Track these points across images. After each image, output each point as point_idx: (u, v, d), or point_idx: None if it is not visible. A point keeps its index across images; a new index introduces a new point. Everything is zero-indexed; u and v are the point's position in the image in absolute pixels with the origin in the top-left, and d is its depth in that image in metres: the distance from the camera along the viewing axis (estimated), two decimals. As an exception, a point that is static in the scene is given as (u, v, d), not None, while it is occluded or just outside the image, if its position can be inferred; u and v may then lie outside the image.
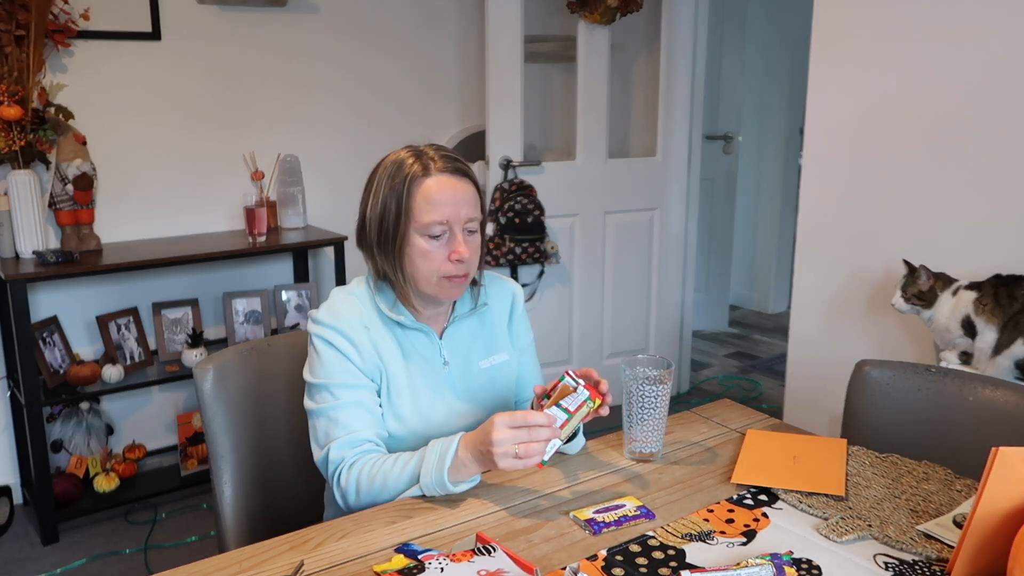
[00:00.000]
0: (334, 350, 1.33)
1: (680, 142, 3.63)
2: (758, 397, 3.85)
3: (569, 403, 1.24)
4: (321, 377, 1.33)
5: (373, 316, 1.37)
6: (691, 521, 1.19)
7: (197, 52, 2.92)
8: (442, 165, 1.34)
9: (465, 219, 1.34)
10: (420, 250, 1.33)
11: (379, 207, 1.35)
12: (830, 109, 2.49)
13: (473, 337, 1.46)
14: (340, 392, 1.32)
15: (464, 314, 1.45)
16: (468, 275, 1.37)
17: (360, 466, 1.28)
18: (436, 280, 1.34)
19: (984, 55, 2.14)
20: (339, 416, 1.32)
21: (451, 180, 1.34)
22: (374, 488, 1.27)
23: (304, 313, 3.12)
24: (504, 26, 3.10)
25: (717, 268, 4.81)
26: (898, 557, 1.10)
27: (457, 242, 1.33)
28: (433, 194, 1.32)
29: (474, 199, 1.36)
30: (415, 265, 1.34)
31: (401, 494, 1.26)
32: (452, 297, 1.38)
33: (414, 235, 1.33)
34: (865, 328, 2.50)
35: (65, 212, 2.65)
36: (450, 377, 1.42)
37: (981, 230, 2.19)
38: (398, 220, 1.33)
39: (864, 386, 1.57)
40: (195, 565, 1.08)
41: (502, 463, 1.17)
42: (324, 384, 1.33)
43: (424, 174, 1.33)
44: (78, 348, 2.83)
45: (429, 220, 1.31)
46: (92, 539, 2.62)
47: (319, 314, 1.36)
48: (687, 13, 3.51)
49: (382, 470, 1.27)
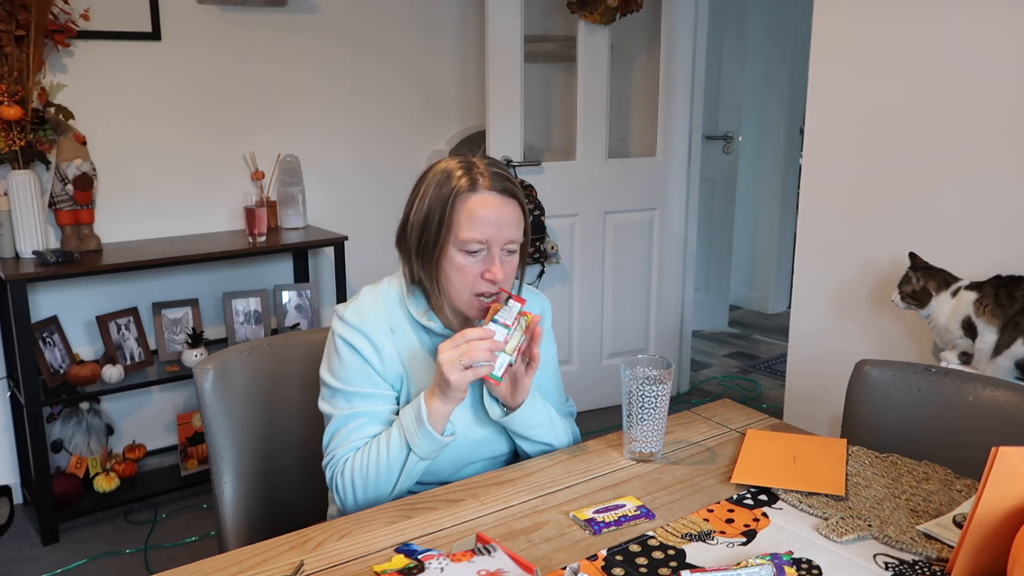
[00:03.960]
0: (356, 355, 1.33)
1: (680, 142, 3.63)
2: (758, 397, 3.85)
3: (503, 316, 1.29)
4: (340, 382, 1.34)
5: (401, 319, 1.37)
6: (691, 521, 1.19)
7: (197, 52, 2.92)
8: (490, 183, 1.32)
9: (505, 240, 1.32)
10: (456, 264, 1.32)
11: (423, 214, 1.33)
12: (830, 109, 2.49)
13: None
14: (356, 401, 1.33)
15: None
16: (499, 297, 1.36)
17: (349, 464, 1.30)
18: (468, 297, 1.33)
19: (984, 55, 2.14)
20: (351, 425, 1.32)
21: (497, 199, 1.31)
22: (369, 479, 1.28)
23: (304, 313, 3.12)
24: (504, 26, 3.10)
25: (717, 268, 4.81)
26: (898, 557, 1.10)
27: (493, 262, 1.31)
28: (476, 211, 1.30)
29: (518, 220, 1.34)
30: (449, 278, 1.33)
31: (401, 473, 1.27)
32: (480, 317, 1.37)
33: (452, 248, 1.31)
34: (865, 328, 2.50)
35: (65, 212, 2.65)
36: (473, 386, 1.41)
37: (981, 230, 2.19)
38: (439, 231, 1.31)
39: (864, 386, 1.57)
40: (195, 565, 1.08)
41: (454, 376, 1.21)
42: (341, 390, 1.33)
43: (471, 189, 1.31)
44: (78, 348, 2.83)
45: (468, 237, 1.30)
46: (92, 539, 2.62)
47: (345, 313, 1.35)
48: (687, 13, 3.51)
49: (369, 457, 1.28)
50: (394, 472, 1.28)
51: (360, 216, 3.35)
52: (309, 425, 1.60)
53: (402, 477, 1.28)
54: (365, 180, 3.36)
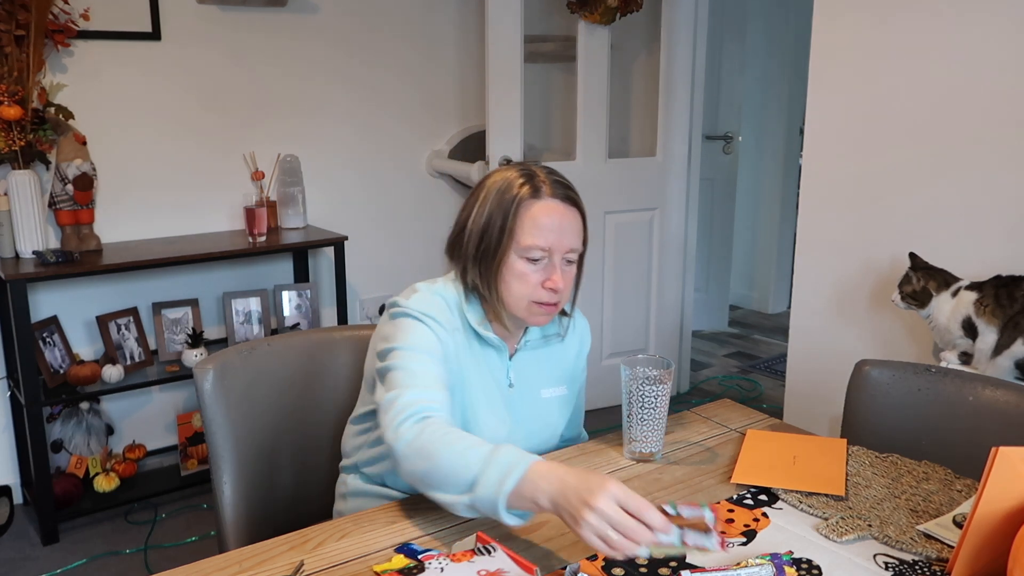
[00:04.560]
0: (427, 328, 1.30)
1: (680, 142, 3.63)
2: (758, 397, 3.85)
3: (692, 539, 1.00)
4: (404, 341, 1.28)
5: (459, 323, 1.36)
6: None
7: (197, 52, 2.92)
8: (552, 190, 1.33)
9: (566, 248, 1.32)
10: (516, 271, 1.31)
11: (483, 220, 1.33)
12: (830, 109, 2.49)
13: (541, 364, 1.46)
14: (421, 355, 1.27)
15: (537, 340, 1.45)
16: (558, 304, 1.35)
17: (431, 423, 1.17)
18: (526, 304, 1.33)
19: (985, 55, 2.14)
20: (417, 370, 1.25)
21: (561, 207, 1.32)
22: (426, 450, 1.13)
23: (304, 313, 3.12)
24: (504, 26, 3.10)
25: (717, 268, 4.81)
26: (898, 557, 1.10)
27: (554, 270, 1.31)
28: (540, 218, 1.31)
29: (579, 230, 1.35)
30: (508, 285, 1.33)
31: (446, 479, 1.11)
32: (539, 324, 1.38)
33: (513, 255, 1.31)
34: (865, 328, 2.50)
35: (65, 212, 2.65)
36: (512, 400, 1.41)
37: (981, 230, 2.19)
38: (501, 237, 1.31)
39: (864, 386, 1.57)
40: (195, 565, 1.08)
41: (585, 532, 0.98)
42: (405, 345, 1.27)
43: (534, 196, 1.32)
44: (78, 348, 2.83)
45: (531, 243, 1.30)
46: (92, 539, 2.62)
47: (412, 303, 1.32)
48: (687, 13, 3.51)
49: (447, 439, 1.14)
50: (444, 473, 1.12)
51: (360, 216, 3.36)
52: (309, 425, 1.60)
53: (443, 502, 1.13)
54: (365, 180, 3.36)
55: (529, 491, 1.04)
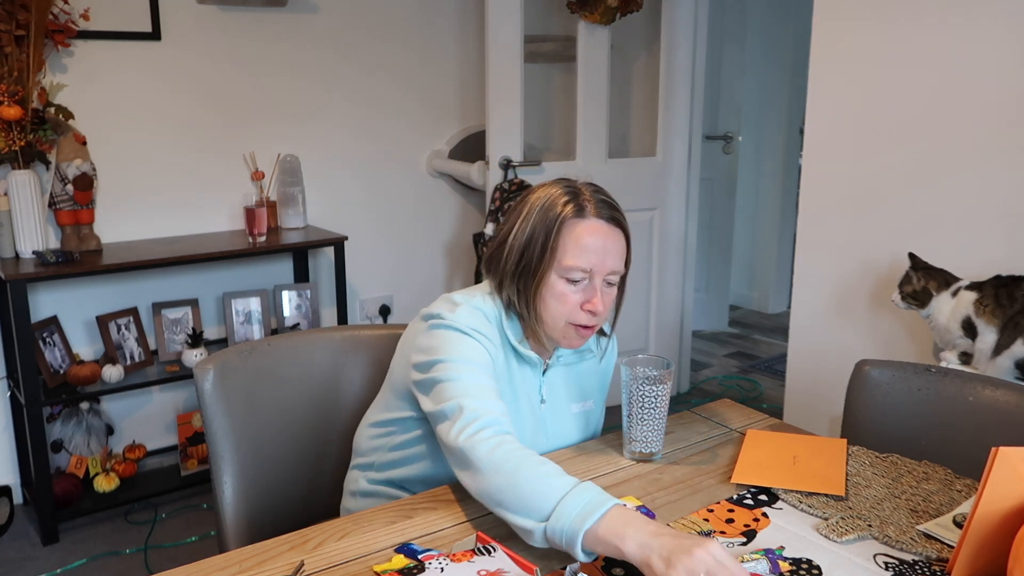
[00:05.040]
0: (476, 343, 1.27)
1: (680, 142, 3.63)
2: (758, 397, 3.85)
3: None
4: (455, 353, 1.24)
5: (499, 339, 1.34)
6: (691, 521, 1.19)
7: (197, 52, 2.92)
8: (596, 210, 1.30)
9: (608, 271, 1.30)
10: (555, 291, 1.29)
11: (524, 237, 1.31)
12: (830, 109, 2.49)
13: (570, 380, 1.45)
14: (475, 368, 1.24)
15: (569, 356, 1.44)
16: (595, 327, 1.33)
17: (509, 439, 1.15)
18: (563, 325, 1.31)
19: (985, 54, 2.14)
20: (474, 381, 1.22)
21: (604, 228, 1.30)
22: (504, 466, 1.10)
23: (304, 313, 3.12)
24: (504, 26, 3.10)
25: (717, 268, 4.81)
26: (898, 557, 1.10)
27: (595, 292, 1.29)
28: (583, 239, 1.28)
29: (621, 251, 1.32)
30: (546, 305, 1.30)
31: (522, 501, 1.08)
32: (573, 347, 1.36)
33: (553, 275, 1.29)
34: (865, 328, 2.50)
35: (65, 212, 2.65)
36: (543, 416, 1.41)
37: (982, 230, 2.19)
38: (542, 256, 1.29)
39: (864, 386, 1.57)
40: (195, 565, 1.08)
41: (688, 562, 0.92)
42: (456, 358, 1.24)
43: (578, 215, 1.29)
44: (78, 348, 2.83)
45: (572, 264, 1.28)
46: (92, 539, 2.62)
47: (458, 317, 1.28)
48: (687, 13, 3.51)
49: (529, 463, 1.10)
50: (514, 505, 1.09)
51: (360, 216, 3.36)
52: (309, 425, 1.60)
53: (512, 523, 1.09)
54: (365, 180, 3.36)
55: (614, 532, 1.00)
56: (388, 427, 1.41)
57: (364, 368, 1.63)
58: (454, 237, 3.63)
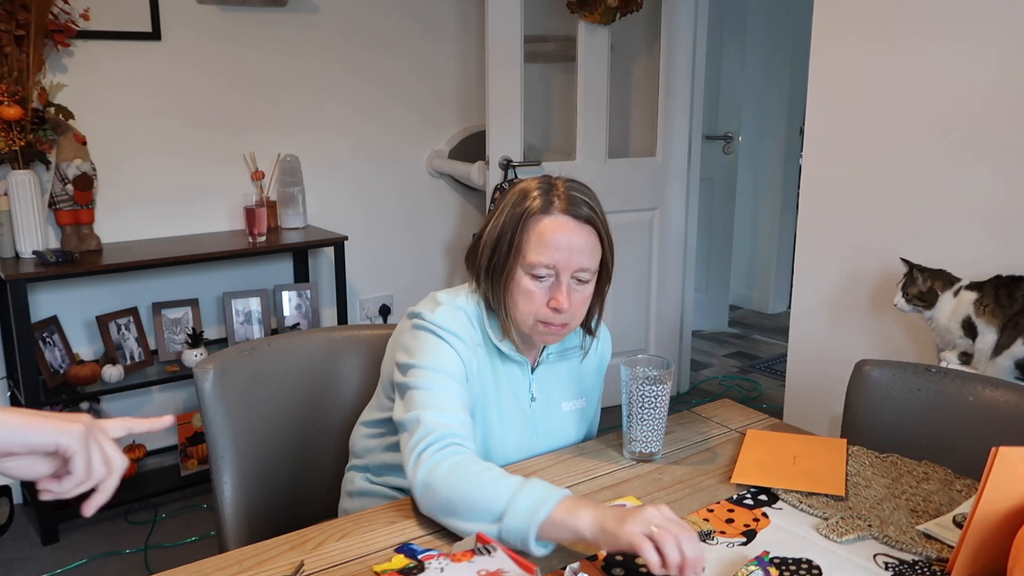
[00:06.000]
0: (450, 348, 1.28)
1: (680, 142, 3.63)
2: (758, 397, 3.85)
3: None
4: (427, 360, 1.26)
5: (480, 339, 1.34)
6: (691, 521, 1.19)
7: (197, 52, 2.92)
8: (565, 206, 1.27)
9: (575, 268, 1.27)
10: (522, 288, 1.28)
11: (496, 232, 1.30)
12: (830, 109, 2.49)
13: (561, 378, 1.45)
14: (443, 378, 1.25)
15: (557, 354, 1.43)
16: (567, 325, 1.31)
17: (455, 453, 1.17)
18: (532, 322, 1.30)
19: (984, 55, 2.14)
20: (439, 392, 1.23)
21: (571, 224, 1.27)
22: (450, 481, 1.13)
23: (304, 313, 3.12)
24: (504, 26, 3.10)
25: (717, 268, 4.81)
26: (898, 557, 1.10)
27: (559, 290, 1.27)
28: (546, 235, 1.26)
29: (591, 248, 1.29)
30: (515, 302, 1.29)
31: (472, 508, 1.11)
32: (546, 343, 1.36)
33: (520, 271, 1.28)
34: (865, 328, 2.50)
35: (65, 212, 2.65)
36: (534, 414, 1.40)
37: (981, 230, 2.19)
38: (509, 251, 1.28)
39: (864, 386, 1.57)
40: (195, 565, 1.08)
41: (634, 528, 0.98)
42: (428, 365, 1.25)
43: (543, 211, 1.27)
44: (78, 348, 2.83)
45: (535, 260, 1.26)
46: (92, 539, 2.62)
47: (437, 318, 1.29)
48: (687, 13, 3.51)
49: (474, 471, 1.13)
50: (474, 502, 1.11)
51: (360, 216, 3.36)
52: (309, 425, 1.60)
53: (466, 531, 1.12)
54: (365, 180, 3.36)
55: (566, 516, 1.04)
56: (380, 427, 1.41)
57: (364, 368, 1.63)
58: (454, 237, 3.63)
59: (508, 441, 1.36)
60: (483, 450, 1.33)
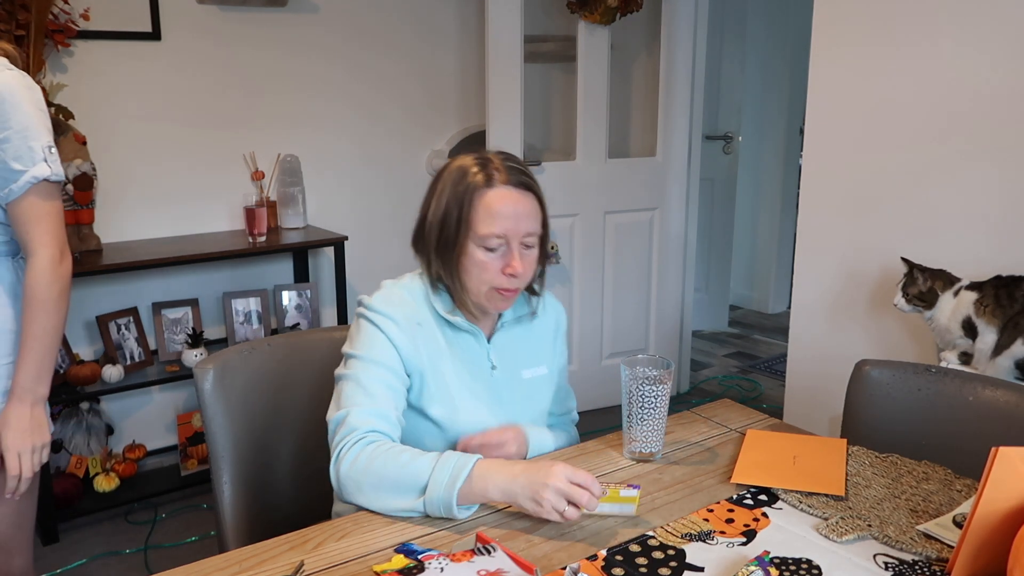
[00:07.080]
0: (382, 334, 1.33)
1: (680, 142, 3.63)
2: (758, 397, 3.85)
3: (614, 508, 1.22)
4: (361, 350, 1.33)
5: (427, 314, 1.38)
6: (691, 521, 1.19)
7: (197, 52, 2.92)
8: (505, 177, 1.34)
9: (524, 233, 1.34)
10: (476, 260, 1.33)
11: (441, 212, 1.36)
12: (830, 109, 2.49)
13: (518, 345, 1.47)
14: (375, 369, 1.32)
15: (512, 321, 1.46)
16: (519, 289, 1.38)
17: (371, 443, 1.24)
18: (487, 291, 1.35)
19: (984, 55, 2.14)
20: (368, 385, 1.30)
21: (513, 193, 1.33)
22: (372, 467, 1.21)
23: (304, 313, 3.12)
24: (504, 26, 3.10)
25: (717, 268, 4.81)
26: (898, 557, 1.10)
27: (513, 256, 1.33)
28: (494, 206, 1.32)
29: (535, 213, 1.36)
30: (469, 274, 1.35)
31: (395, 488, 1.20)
32: (499, 309, 1.40)
33: (471, 245, 1.33)
34: (865, 328, 2.50)
35: (65, 212, 2.65)
36: (496, 382, 1.42)
37: (981, 230, 2.19)
38: (458, 228, 1.33)
39: (864, 386, 1.57)
40: (195, 565, 1.08)
41: (546, 507, 1.12)
42: (362, 355, 1.32)
43: (487, 185, 1.33)
44: (78, 348, 2.83)
45: (487, 232, 1.32)
46: (92, 539, 2.62)
47: (374, 302, 1.36)
48: (687, 13, 3.51)
49: (390, 455, 1.22)
50: (393, 482, 1.20)
51: (360, 216, 3.36)
52: (309, 425, 1.60)
53: (393, 503, 1.20)
54: (365, 180, 3.36)
55: (480, 487, 1.17)
56: None
57: (364, 368, 1.63)
58: (454, 237, 3.63)
59: (468, 411, 1.38)
60: (452, 420, 1.36)
